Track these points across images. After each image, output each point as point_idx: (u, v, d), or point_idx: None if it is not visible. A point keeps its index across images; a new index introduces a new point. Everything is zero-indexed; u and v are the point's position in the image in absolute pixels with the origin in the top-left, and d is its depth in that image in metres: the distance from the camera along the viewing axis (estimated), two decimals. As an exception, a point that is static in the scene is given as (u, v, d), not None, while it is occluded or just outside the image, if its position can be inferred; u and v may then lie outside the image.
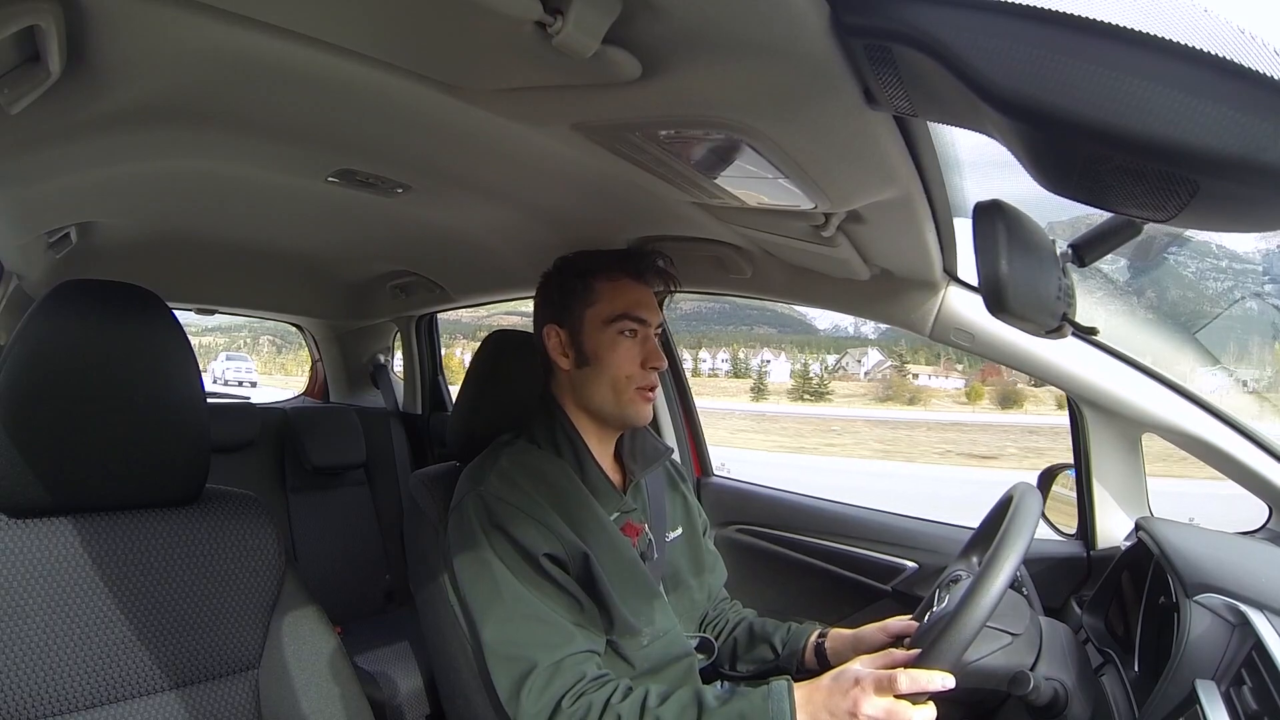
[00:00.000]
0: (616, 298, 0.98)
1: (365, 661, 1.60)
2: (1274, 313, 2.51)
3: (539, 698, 0.82)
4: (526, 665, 0.83)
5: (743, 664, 1.10)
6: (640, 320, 0.98)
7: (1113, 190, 0.43)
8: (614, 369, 0.97)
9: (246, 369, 17.73)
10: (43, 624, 0.73)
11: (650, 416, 1.02)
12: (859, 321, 22.92)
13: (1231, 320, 1.79)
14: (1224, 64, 0.35)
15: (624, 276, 1.00)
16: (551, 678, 0.83)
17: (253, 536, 0.87)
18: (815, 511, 1.55)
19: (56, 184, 1.04)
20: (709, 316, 25.60)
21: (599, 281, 0.99)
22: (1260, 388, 1.42)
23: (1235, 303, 2.83)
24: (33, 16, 0.54)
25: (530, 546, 0.87)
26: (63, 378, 0.74)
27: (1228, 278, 8.99)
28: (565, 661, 0.84)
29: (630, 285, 1.00)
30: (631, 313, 0.98)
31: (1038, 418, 17.77)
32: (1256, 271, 7.34)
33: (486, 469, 0.96)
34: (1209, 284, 8.68)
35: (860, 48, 0.49)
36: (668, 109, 0.66)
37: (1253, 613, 0.78)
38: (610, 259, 1.02)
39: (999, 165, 0.53)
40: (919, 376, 24.55)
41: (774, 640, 1.08)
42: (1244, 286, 8.51)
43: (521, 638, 0.85)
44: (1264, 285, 6.60)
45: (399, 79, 0.70)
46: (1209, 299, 8.62)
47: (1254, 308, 2.85)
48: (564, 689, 0.82)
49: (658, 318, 1.02)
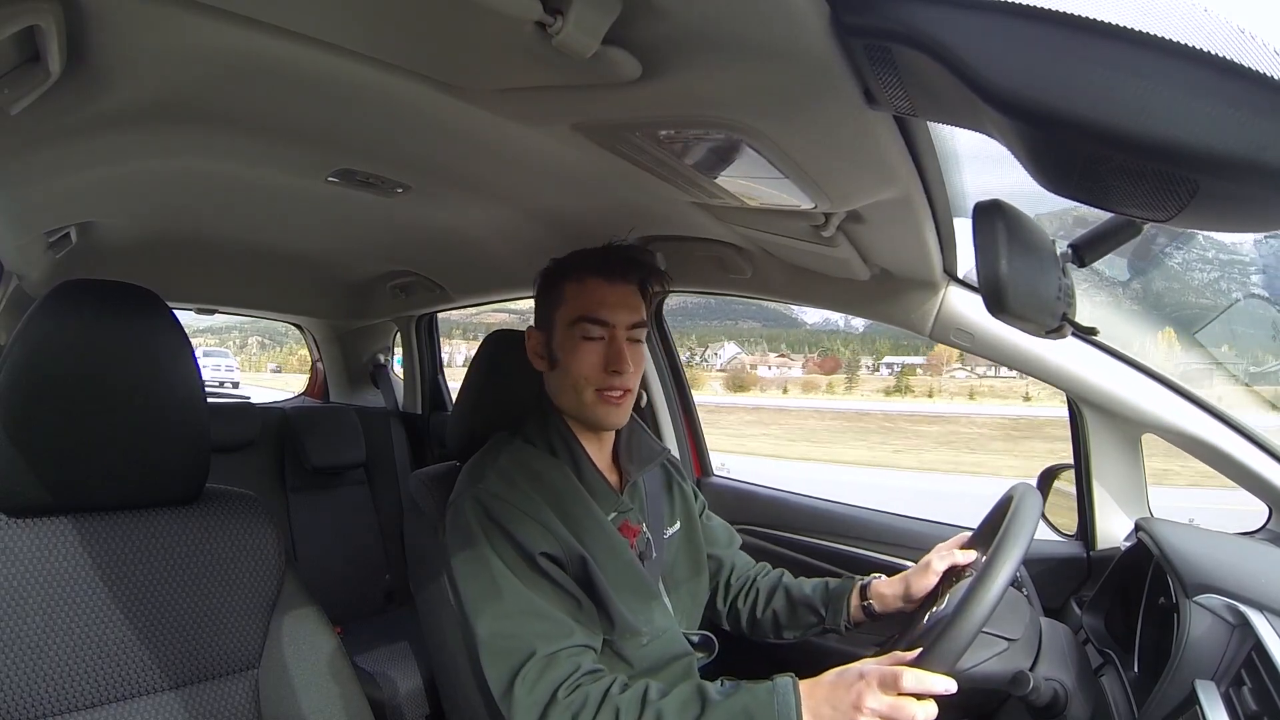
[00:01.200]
0: (579, 299, 0.95)
1: (365, 661, 1.60)
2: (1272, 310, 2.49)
3: (533, 688, 0.80)
4: (522, 656, 0.82)
5: (789, 632, 1.09)
6: (601, 322, 0.94)
7: (1113, 190, 0.43)
8: (573, 372, 0.95)
9: (227, 366, 14.87)
10: (43, 624, 0.73)
11: (622, 421, 0.99)
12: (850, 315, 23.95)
13: (1232, 316, 1.79)
14: (1224, 64, 0.35)
15: (591, 277, 0.96)
16: (546, 668, 0.81)
17: (252, 536, 0.87)
18: (815, 511, 1.55)
19: (56, 184, 1.04)
20: (694, 312, 25.83)
21: (567, 283, 0.97)
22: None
23: (1235, 303, 2.84)
24: (33, 16, 0.54)
25: (528, 545, 0.87)
26: (63, 377, 0.74)
27: (1214, 268, 8.96)
28: (561, 653, 0.83)
29: (596, 285, 0.95)
30: (592, 314, 0.94)
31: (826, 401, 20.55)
32: (1244, 262, 7.34)
33: (486, 466, 0.95)
34: (1195, 275, 8.67)
35: (860, 48, 0.49)
36: (668, 109, 0.66)
37: (1252, 613, 0.78)
38: (582, 257, 0.98)
39: (998, 161, 0.53)
40: (757, 368, 26.19)
41: (814, 603, 1.06)
42: (1230, 277, 8.50)
43: (518, 630, 0.84)
44: (1250, 276, 6.59)
45: (399, 79, 0.70)
46: (1194, 290, 8.61)
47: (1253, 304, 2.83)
48: (560, 679, 0.81)
49: (628, 318, 0.96)
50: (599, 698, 0.80)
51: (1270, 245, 3.64)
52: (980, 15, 0.41)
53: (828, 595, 1.06)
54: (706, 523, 1.18)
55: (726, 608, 1.15)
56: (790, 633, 1.09)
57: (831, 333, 26.42)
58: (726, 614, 1.15)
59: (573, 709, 0.79)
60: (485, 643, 0.85)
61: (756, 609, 1.12)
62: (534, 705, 0.80)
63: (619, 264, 0.97)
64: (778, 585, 1.13)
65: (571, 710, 0.79)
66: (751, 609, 1.12)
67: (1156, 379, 1.10)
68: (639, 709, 0.79)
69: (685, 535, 1.10)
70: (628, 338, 0.96)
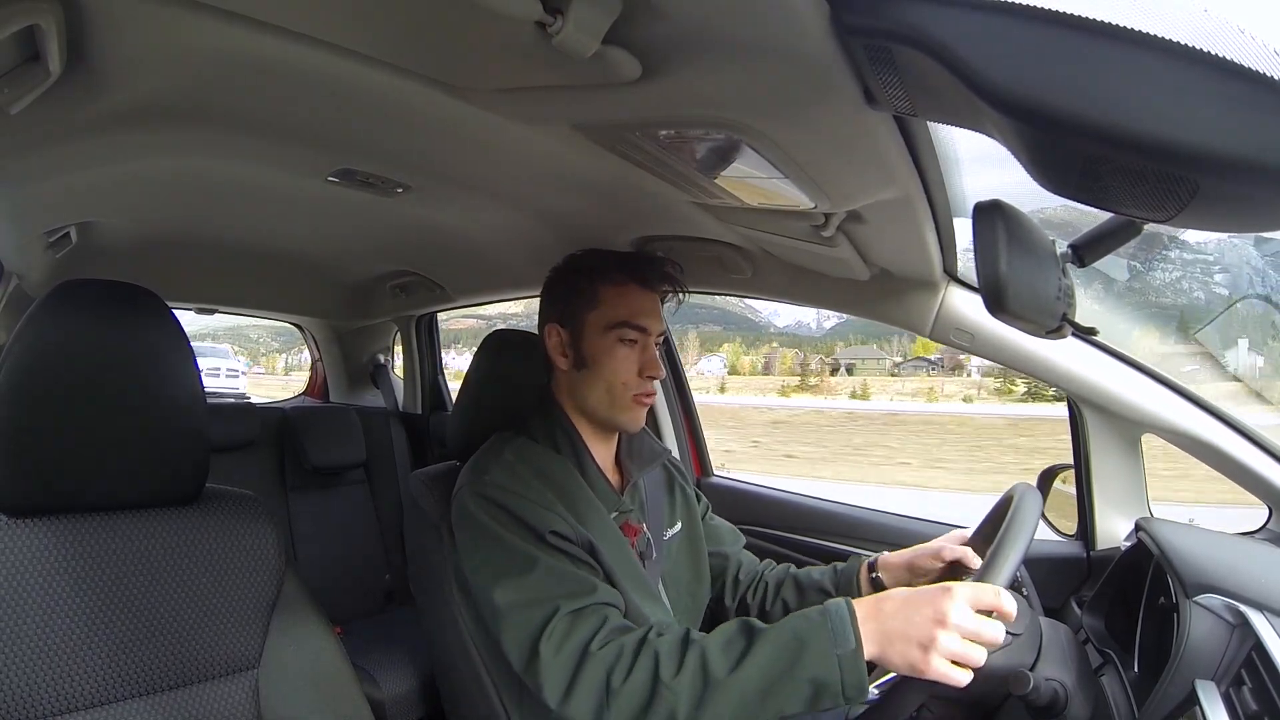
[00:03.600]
0: (620, 304, 0.97)
1: (365, 661, 1.60)
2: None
3: (561, 647, 0.76)
4: (544, 616, 0.77)
5: None
6: (641, 329, 0.97)
7: (1113, 190, 0.43)
8: (611, 375, 0.96)
9: (228, 370, 11.88)
10: (42, 624, 0.73)
11: (641, 423, 1.01)
12: (821, 318, 24.32)
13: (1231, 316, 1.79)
14: (1224, 64, 0.35)
15: (630, 282, 0.98)
16: (572, 626, 0.77)
17: (253, 536, 0.87)
18: (815, 511, 1.55)
19: (56, 184, 1.04)
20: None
21: (604, 286, 0.98)
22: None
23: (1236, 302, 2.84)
24: (33, 16, 0.54)
25: (538, 525, 0.85)
26: (63, 378, 0.74)
27: (1175, 268, 8.94)
28: (587, 609, 0.79)
29: (635, 292, 0.98)
30: (633, 321, 0.96)
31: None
32: (1207, 262, 7.34)
33: (490, 461, 0.95)
34: (1155, 274, 8.67)
35: (860, 48, 0.49)
36: (668, 109, 0.66)
37: (1252, 613, 0.78)
38: (618, 262, 1.00)
39: (998, 161, 0.53)
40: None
41: (824, 585, 1.06)
42: (1192, 277, 8.50)
43: (538, 593, 0.80)
44: (1214, 275, 6.58)
45: (399, 79, 0.70)
46: (1155, 289, 8.60)
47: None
48: (589, 634, 0.76)
49: (660, 326, 0.99)
50: (635, 646, 0.76)
51: (1232, 243, 3.65)
52: (980, 15, 0.41)
53: (836, 577, 1.06)
54: (710, 523, 1.18)
55: (735, 604, 1.14)
56: None
57: (792, 336, 27.01)
58: (735, 611, 1.14)
59: (607, 663, 0.75)
60: (503, 612, 0.81)
61: (766, 601, 1.11)
62: (564, 665, 0.76)
63: (656, 274, 1.00)
64: (786, 576, 1.13)
65: (606, 664, 0.75)
66: (761, 602, 1.12)
67: (1156, 379, 1.10)
68: (680, 651, 0.74)
69: (686, 537, 1.10)
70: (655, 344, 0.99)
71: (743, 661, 0.72)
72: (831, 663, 0.70)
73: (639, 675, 0.74)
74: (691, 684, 0.72)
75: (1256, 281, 3.50)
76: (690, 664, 0.73)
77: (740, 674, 0.72)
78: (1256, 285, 3.51)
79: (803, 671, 0.70)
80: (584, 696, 0.75)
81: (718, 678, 0.72)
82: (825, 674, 0.70)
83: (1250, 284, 3.57)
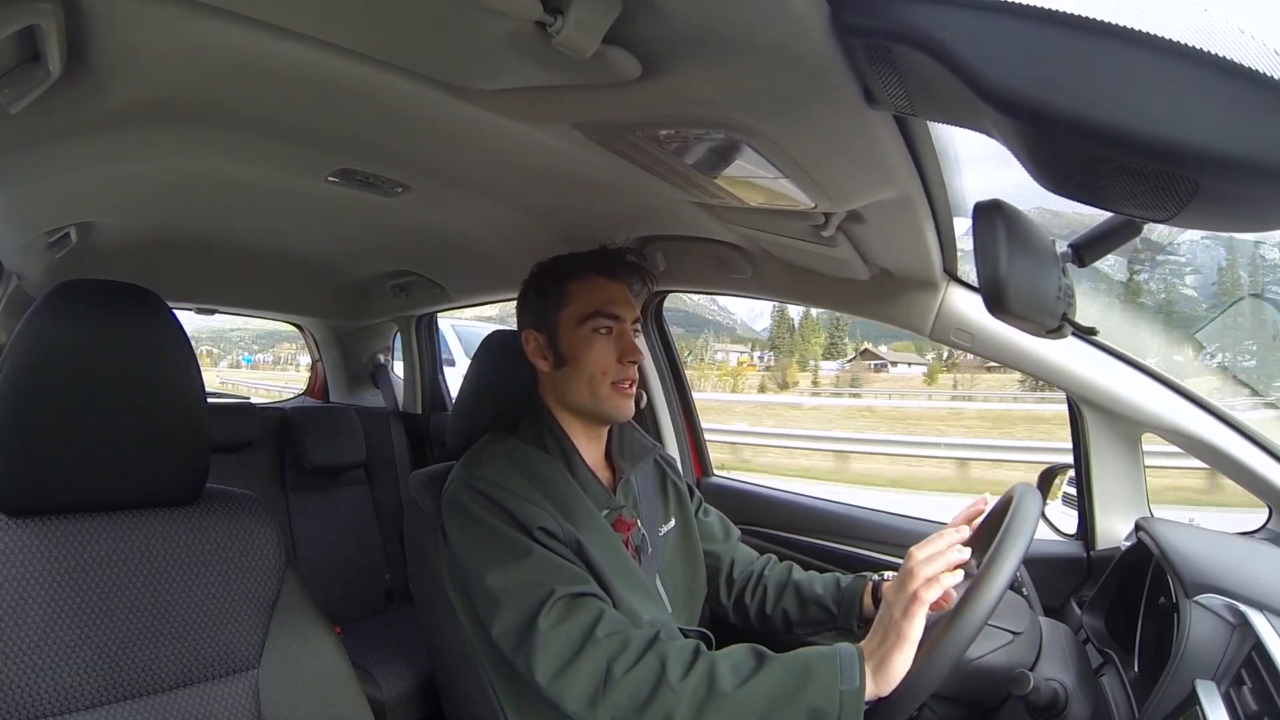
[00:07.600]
0: (588, 297, 0.99)
1: (365, 661, 1.60)
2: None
3: (560, 622, 0.75)
4: (541, 594, 0.77)
5: (799, 629, 1.08)
6: (613, 316, 0.99)
7: (1113, 190, 0.43)
8: (591, 366, 0.97)
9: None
10: (43, 624, 0.73)
11: (631, 413, 1.01)
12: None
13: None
14: (1224, 64, 0.35)
15: (594, 275, 1.00)
16: (571, 608, 0.77)
17: (253, 536, 0.87)
18: (815, 511, 1.55)
19: (56, 184, 1.04)
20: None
21: (570, 283, 1.00)
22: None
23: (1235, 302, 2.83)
24: (33, 16, 0.54)
25: (527, 521, 0.86)
26: (63, 378, 0.74)
27: (1145, 269, 9.02)
28: (585, 598, 0.79)
29: (601, 283, 1.00)
30: (605, 310, 0.98)
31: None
32: (1179, 262, 7.37)
33: (481, 459, 0.96)
34: (1125, 274, 8.77)
35: (860, 48, 0.49)
36: (668, 109, 0.66)
37: (1253, 613, 0.78)
38: (582, 260, 1.03)
39: (998, 161, 0.53)
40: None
41: (826, 602, 1.05)
42: (1160, 278, 8.58)
43: (533, 577, 0.80)
44: (1185, 275, 6.62)
45: (399, 79, 0.70)
46: (1130, 290, 8.68)
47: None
48: (592, 619, 0.76)
49: (633, 313, 1.01)
50: (643, 643, 0.76)
51: (1205, 244, 3.66)
52: (980, 15, 0.41)
53: (839, 594, 1.05)
54: (703, 518, 1.18)
55: (731, 603, 1.14)
56: (801, 630, 1.08)
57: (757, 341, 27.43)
58: (733, 609, 1.14)
59: (610, 651, 0.75)
60: (497, 595, 0.81)
61: (766, 605, 1.11)
62: (562, 644, 0.76)
63: (620, 264, 1.02)
64: (787, 582, 1.11)
65: (609, 653, 0.75)
66: (760, 605, 1.11)
67: (1156, 378, 1.10)
68: (690, 659, 0.75)
69: (681, 532, 1.10)
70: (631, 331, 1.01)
71: (749, 680, 0.74)
72: (834, 696, 0.71)
73: (643, 671, 0.75)
74: (695, 690, 0.73)
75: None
76: (698, 672, 0.75)
77: (744, 691, 0.73)
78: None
79: (805, 700, 0.72)
80: (579, 678, 0.75)
81: (723, 690, 0.73)
82: (826, 705, 0.71)
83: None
